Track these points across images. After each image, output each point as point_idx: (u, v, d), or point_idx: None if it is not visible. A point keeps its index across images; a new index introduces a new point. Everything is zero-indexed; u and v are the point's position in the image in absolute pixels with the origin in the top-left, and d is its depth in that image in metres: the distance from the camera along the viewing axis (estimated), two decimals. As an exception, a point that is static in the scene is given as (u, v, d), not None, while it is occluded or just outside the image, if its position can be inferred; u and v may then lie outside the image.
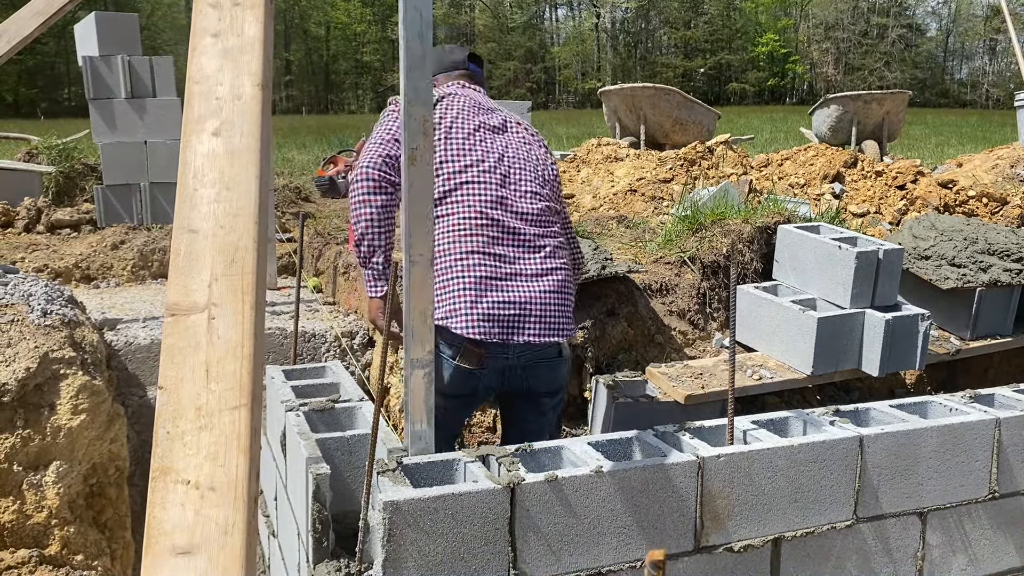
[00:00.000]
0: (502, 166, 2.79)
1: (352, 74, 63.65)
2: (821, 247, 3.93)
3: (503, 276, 2.64)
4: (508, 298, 2.62)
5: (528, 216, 2.76)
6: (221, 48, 1.33)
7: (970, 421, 2.65)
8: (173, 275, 1.17)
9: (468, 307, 2.58)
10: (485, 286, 2.61)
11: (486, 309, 2.58)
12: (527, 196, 2.79)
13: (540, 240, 2.75)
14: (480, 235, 2.65)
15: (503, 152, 2.83)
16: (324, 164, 9.43)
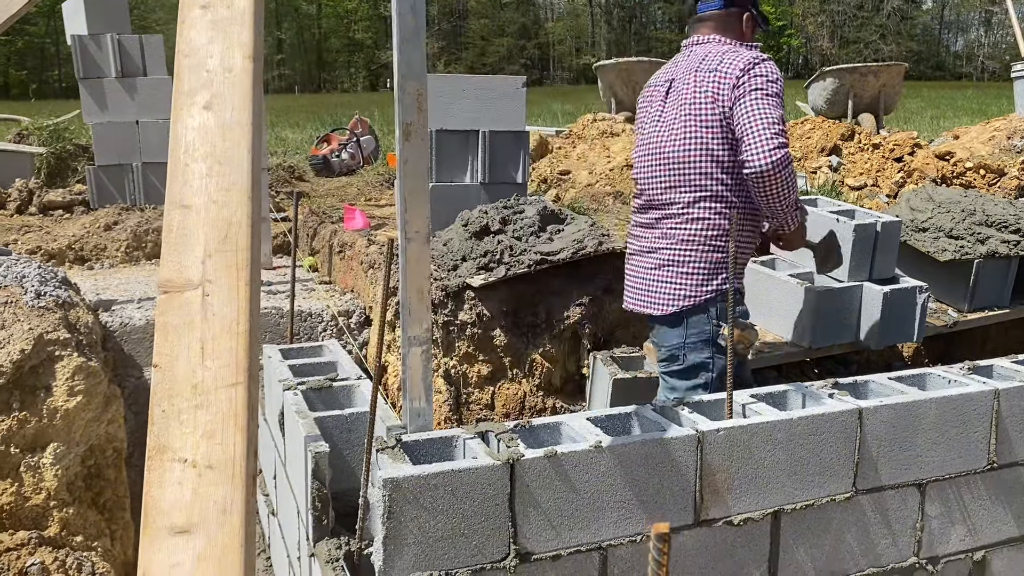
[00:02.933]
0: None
1: (344, 52, 63.20)
2: (819, 220, 3.91)
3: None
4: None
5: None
6: (210, 20, 1.30)
7: (969, 392, 2.65)
8: (166, 251, 1.15)
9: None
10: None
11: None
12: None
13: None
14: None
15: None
16: (318, 143, 9.41)
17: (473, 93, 4.76)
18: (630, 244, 3.14)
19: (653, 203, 3.00)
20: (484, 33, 62.44)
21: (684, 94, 2.90)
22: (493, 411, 3.94)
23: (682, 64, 2.99)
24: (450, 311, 3.84)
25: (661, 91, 3.04)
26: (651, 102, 3.08)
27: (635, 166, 3.10)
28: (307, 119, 17.71)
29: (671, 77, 3.01)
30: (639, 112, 3.16)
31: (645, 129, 3.07)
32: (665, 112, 2.97)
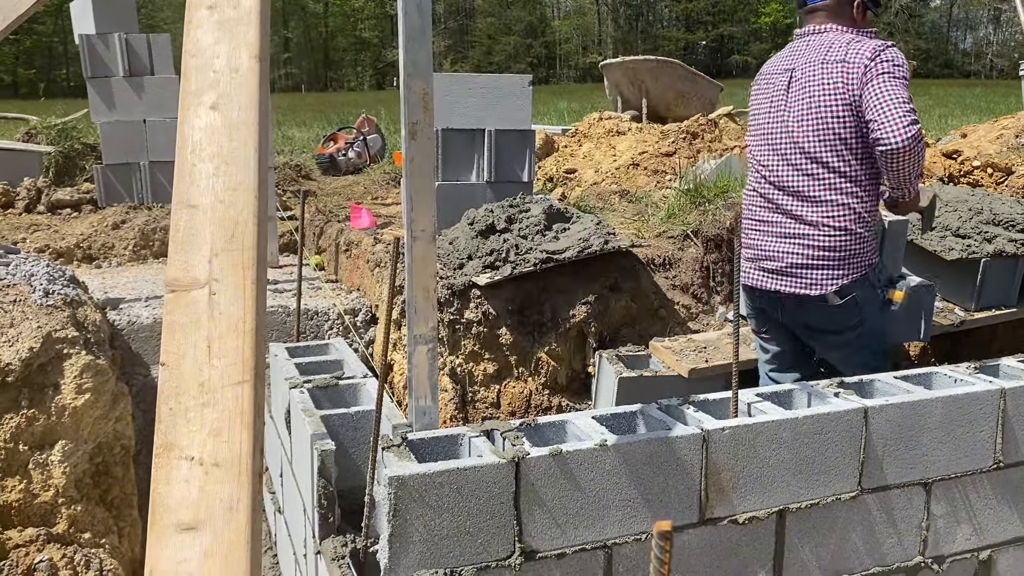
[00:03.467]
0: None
1: (351, 51, 63.26)
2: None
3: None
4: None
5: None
6: (217, 20, 1.31)
7: (975, 391, 2.64)
8: (173, 251, 1.16)
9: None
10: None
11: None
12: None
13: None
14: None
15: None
16: (324, 142, 9.43)
17: (479, 92, 4.77)
18: (759, 231, 3.17)
19: (786, 190, 3.07)
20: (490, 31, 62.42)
21: (812, 85, 2.99)
22: (499, 409, 3.95)
23: (803, 54, 3.06)
24: (456, 310, 3.85)
25: (781, 80, 3.10)
26: (770, 91, 3.15)
27: (757, 154, 3.18)
28: (314, 118, 17.74)
29: (791, 67, 3.08)
30: (754, 100, 3.25)
31: (766, 118, 3.14)
32: (791, 103, 3.04)
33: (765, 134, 3.15)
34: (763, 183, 3.14)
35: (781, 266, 3.09)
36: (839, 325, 3.12)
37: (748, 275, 3.19)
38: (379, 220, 5.30)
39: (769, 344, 3.37)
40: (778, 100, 3.10)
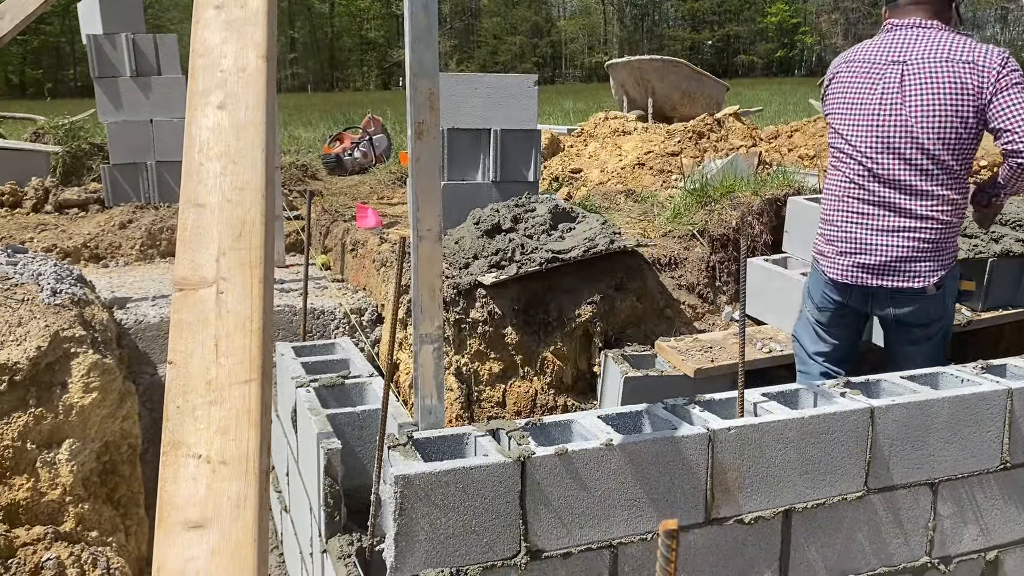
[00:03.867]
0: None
1: (357, 51, 63.36)
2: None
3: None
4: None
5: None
6: (224, 20, 1.31)
7: (982, 392, 2.63)
8: (180, 249, 1.16)
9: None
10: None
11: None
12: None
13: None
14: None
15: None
16: (330, 142, 9.44)
17: (485, 92, 4.77)
18: (857, 225, 3.11)
19: (894, 185, 3.05)
20: (496, 31, 62.44)
21: (937, 84, 2.97)
22: (504, 409, 3.95)
23: (913, 48, 3.03)
24: (461, 309, 3.85)
25: (891, 73, 3.04)
26: (876, 81, 3.06)
27: (860, 146, 3.08)
28: (320, 117, 17.76)
29: (900, 59, 3.03)
30: (850, 86, 3.13)
31: (876, 109, 3.06)
32: (910, 98, 3.00)
33: (874, 127, 3.06)
34: (865, 176, 3.07)
35: (884, 260, 3.06)
36: (931, 317, 3.17)
37: (840, 270, 3.13)
38: (385, 220, 5.31)
39: (831, 338, 3.31)
40: (891, 93, 3.02)
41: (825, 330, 3.32)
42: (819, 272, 3.24)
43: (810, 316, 3.35)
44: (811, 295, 3.32)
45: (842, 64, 3.20)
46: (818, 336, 3.35)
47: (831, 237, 3.16)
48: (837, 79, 3.20)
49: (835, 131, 3.18)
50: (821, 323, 3.32)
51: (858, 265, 3.10)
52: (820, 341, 3.35)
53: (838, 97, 3.18)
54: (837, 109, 3.17)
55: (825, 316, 3.30)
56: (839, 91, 3.17)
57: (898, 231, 3.05)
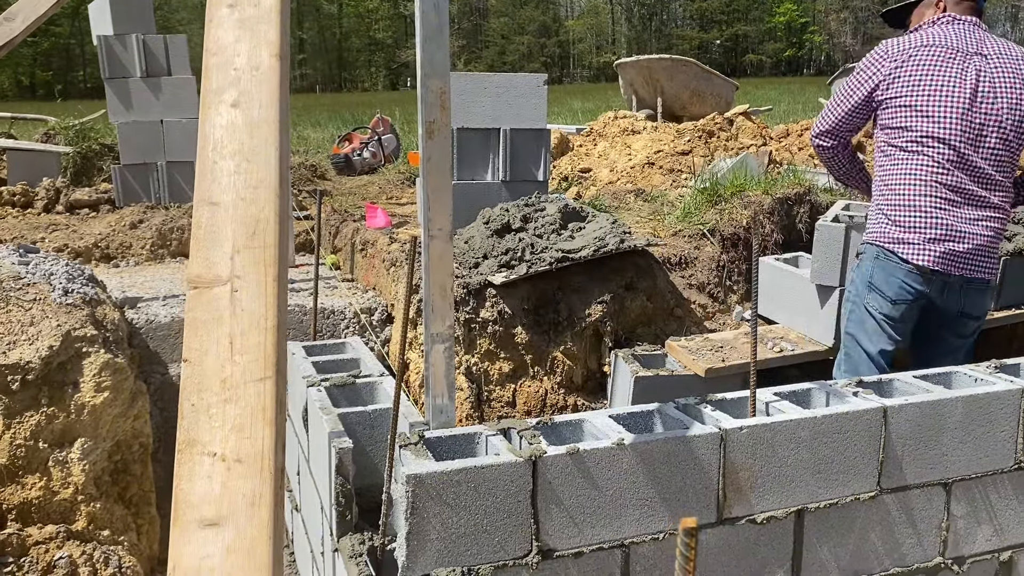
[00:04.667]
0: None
1: (365, 51, 63.46)
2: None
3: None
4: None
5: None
6: (238, 18, 1.31)
7: (996, 391, 2.62)
8: (195, 248, 1.16)
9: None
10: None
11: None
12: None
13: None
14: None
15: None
16: (339, 142, 9.45)
17: (494, 91, 4.77)
18: (948, 212, 3.06)
19: (977, 176, 3.06)
20: (504, 31, 62.44)
21: (1020, 79, 3.06)
22: (514, 408, 3.95)
23: (987, 43, 3.10)
24: (472, 309, 3.85)
25: (976, 62, 3.05)
26: (963, 67, 3.05)
27: (949, 126, 3.04)
28: (328, 118, 17.79)
29: (982, 52, 3.07)
30: (934, 69, 3.07)
31: (965, 101, 3.04)
32: (1001, 93, 3.04)
33: (966, 114, 3.03)
34: (956, 162, 3.04)
35: (972, 248, 3.05)
36: (985, 309, 3.24)
37: (932, 257, 3.05)
38: (394, 219, 5.31)
39: (899, 334, 3.19)
40: (984, 83, 3.04)
41: (896, 326, 3.17)
42: (896, 262, 3.10)
43: (877, 312, 3.17)
44: (879, 288, 3.15)
45: (915, 49, 3.10)
46: (887, 334, 3.18)
47: (916, 224, 3.06)
48: (912, 62, 3.09)
49: (917, 114, 3.06)
50: (892, 319, 3.15)
51: (949, 252, 3.04)
52: (889, 339, 3.18)
53: (919, 81, 3.07)
54: (921, 91, 3.06)
55: (900, 310, 3.14)
56: (917, 75, 3.07)
57: (982, 220, 3.05)
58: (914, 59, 3.09)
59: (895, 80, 3.10)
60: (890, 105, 3.11)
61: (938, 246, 3.05)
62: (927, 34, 3.13)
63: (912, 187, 3.07)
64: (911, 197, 3.07)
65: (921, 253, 3.05)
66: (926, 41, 3.10)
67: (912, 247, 3.06)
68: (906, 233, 3.07)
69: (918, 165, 3.07)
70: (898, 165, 3.11)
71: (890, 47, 3.16)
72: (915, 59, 3.09)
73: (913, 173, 3.08)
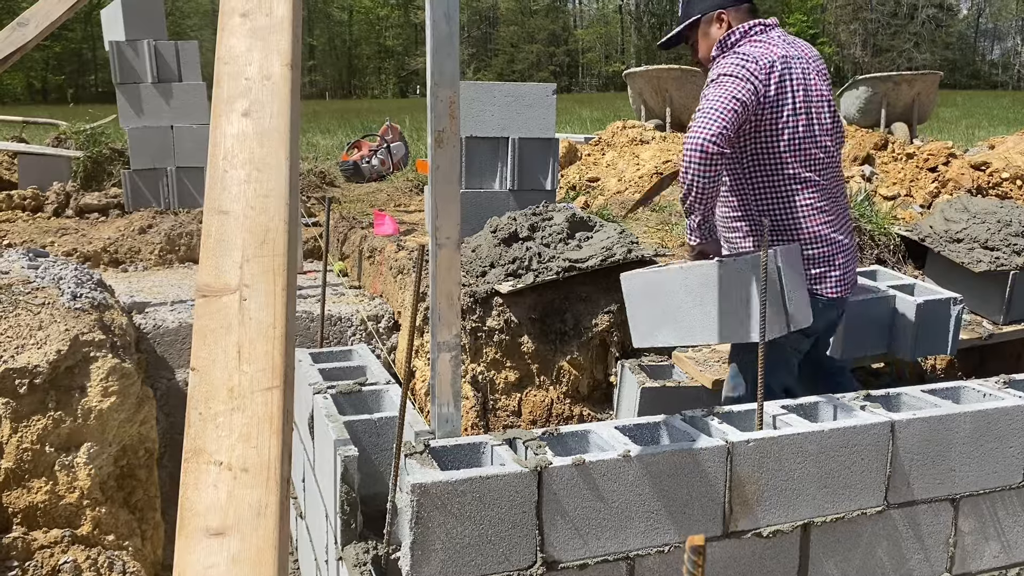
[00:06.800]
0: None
1: (375, 58, 63.68)
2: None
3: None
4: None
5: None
6: (250, 28, 1.32)
7: (1004, 407, 2.60)
8: (204, 256, 1.17)
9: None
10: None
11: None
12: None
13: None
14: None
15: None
16: (348, 149, 9.48)
17: (503, 100, 4.78)
18: (840, 228, 2.95)
19: (841, 189, 3.02)
20: (514, 40, 62.60)
21: (828, 88, 2.96)
22: (520, 418, 3.94)
23: (800, 48, 2.93)
24: (478, 317, 3.85)
25: (811, 71, 2.89)
26: (812, 84, 2.87)
27: (829, 145, 2.91)
28: (337, 125, 17.86)
29: (806, 56, 2.91)
30: (804, 84, 2.84)
31: (828, 117, 2.90)
32: (825, 95, 2.93)
33: (831, 133, 2.90)
34: (834, 181, 2.95)
35: (853, 260, 3.04)
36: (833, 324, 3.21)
37: (846, 285, 2.95)
38: (402, 227, 5.32)
39: (798, 357, 3.06)
40: (825, 90, 2.91)
41: (799, 354, 3.04)
42: (817, 303, 2.87)
43: (791, 348, 2.97)
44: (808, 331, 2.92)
45: (783, 61, 2.82)
46: (792, 368, 3.04)
47: (829, 253, 2.90)
48: (789, 76, 2.82)
49: (809, 136, 2.84)
50: (800, 351, 3.03)
51: (851, 275, 3.00)
52: (790, 373, 3.04)
53: (798, 100, 2.83)
54: (803, 111, 2.83)
55: (808, 343, 3.03)
56: (793, 92, 2.83)
57: (849, 229, 3.05)
58: (788, 73, 2.84)
59: (772, 100, 2.83)
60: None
61: (848, 272, 2.95)
62: (767, 45, 2.88)
63: (817, 216, 2.89)
64: (817, 227, 2.88)
65: (839, 283, 2.92)
66: (780, 52, 2.86)
67: (830, 281, 2.91)
68: (822, 267, 2.90)
69: (813, 192, 2.88)
70: (792, 196, 2.88)
71: (760, 57, 2.84)
72: (788, 74, 2.84)
73: (810, 203, 2.88)
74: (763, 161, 2.86)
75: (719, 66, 2.83)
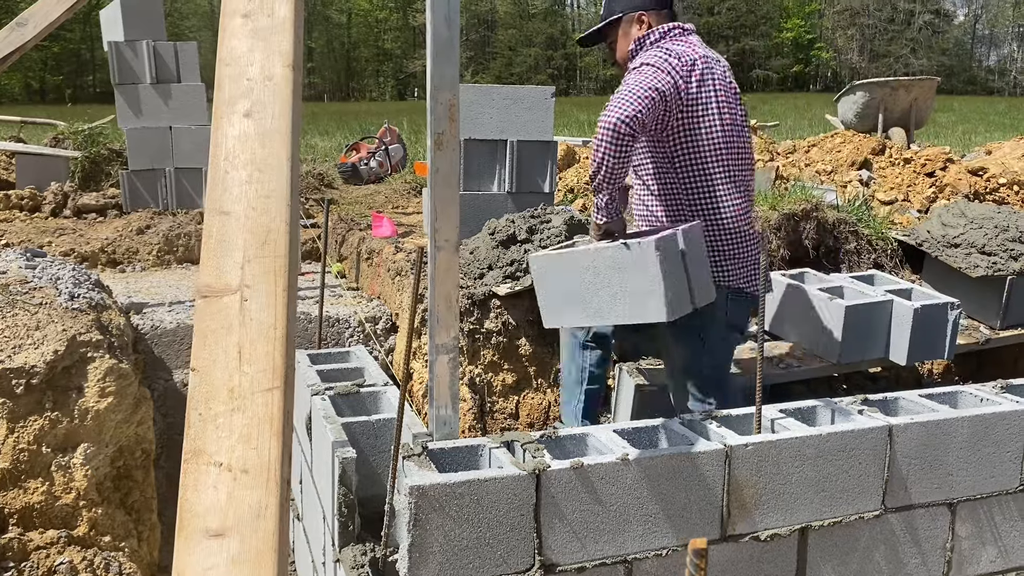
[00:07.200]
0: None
1: (373, 61, 63.72)
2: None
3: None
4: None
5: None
6: (251, 28, 1.32)
7: (1001, 411, 2.61)
8: (205, 257, 1.17)
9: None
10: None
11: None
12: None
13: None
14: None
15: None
16: (346, 151, 9.48)
17: (502, 103, 4.78)
18: (752, 224, 3.02)
19: (753, 189, 3.05)
20: (512, 43, 62.66)
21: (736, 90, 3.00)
22: (517, 420, 3.94)
23: (711, 51, 2.99)
24: (476, 319, 3.85)
25: (728, 72, 2.98)
26: (728, 87, 2.92)
27: (742, 138, 2.94)
28: (336, 127, 17.86)
29: (719, 60, 2.98)
30: (723, 85, 2.90)
31: (741, 121, 2.95)
32: (738, 97, 2.98)
33: (741, 129, 2.95)
34: (752, 182, 3.04)
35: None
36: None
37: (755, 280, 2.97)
38: (400, 229, 5.32)
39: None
40: (734, 94, 2.96)
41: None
42: (745, 299, 2.98)
43: (735, 346, 3.15)
44: (739, 328, 3.07)
45: (703, 60, 2.88)
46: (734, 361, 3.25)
47: (754, 250, 2.96)
48: (710, 75, 2.88)
49: (734, 133, 2.91)
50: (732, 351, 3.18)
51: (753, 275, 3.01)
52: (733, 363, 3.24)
53: (720, 98, 2.89)
54: (726, 110, 2.90)
55: (740, 337, 3.17)
56: (716, 91, 2.88)
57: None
58: (708, 74, 2.89)
59: (697, 99, 2.88)
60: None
61: (757, 264, 2.97)
62: (684, 44, 2.93)
63: (740, 218, 2.94)
64: (740, 228, 2.93)
65: (755, 281, 2.94)
66: (698, 53, 2.91)
67: (754, 280, 2.95)
68: (750, 268, 2.95)
69: (737, 191, 2.94)
70: (717, 196, 2.93)
71: (682, 53, 2.89)
72: (709, 74, 2.90)
73: (734, 203, 2.93)
74: (691, 159, 2.89)
75: (642, 57, 2.89)
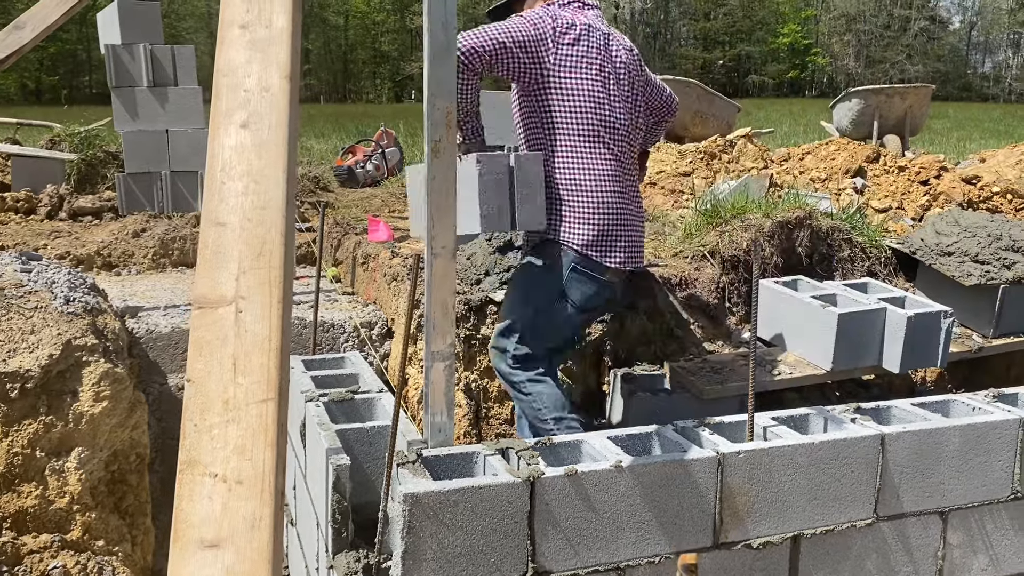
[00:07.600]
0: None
1: (370, 63, 63.73)
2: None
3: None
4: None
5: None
6: (249, 39, 1.33)
7: (993, 420, 2.62)
8: (201, 268, 1.17)
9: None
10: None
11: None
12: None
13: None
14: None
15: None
16: (343, 154, 9.48)
17: (500, 108, 4.79)
18: (630, 202, 3.07)
19: (633, 154, 3.16)
20: (509, 47, 62.65)
21: (636, 62, 3.16)
22: (512, 426, 3.95)
23: (611, 30, 3.10)
24: (472, 325, 3.85)
25: (606, 43, 3.04)
26: (619, 53, 3.06)
27: (615, 122, 2.98)
28: (332, 129, 17.86)
29: (604, 31, 3.05)
30: (595, 49, 2.94)
31: (620, 86, 3.02)
32: (631, 73, 3.10)
33: (623, 101, 2.99)
34: (628, 159, 3.08)
35: (643, 239, 3.16)
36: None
37: (618, 257, 2.97)
38: (396, 233, 5.32)
39: (582, 330, 3.32)
40: (635, 77, 3.09)
41: (582, 325, 3.26)
42: (585, 267, 2.94)
43: (563, 318, 3.04)
44: (571, 298, 2.98)
45: (585, 27, 2.93)
46: (575, 337, 3.30)
47: (615, 224, 2.96)
48: (588, 41, 2.92)
49: (595, 101, 2.91)
50: (574, 326, 3.17)
51: (637, 252, 3.09)
52: (573, 341, 3.33)
53: (594, 66, 2.92)
54: (599, 78, 2.92)
55: (586, 316, 3.16)
56: (590, 57, 2.91)
57: (640, 205, 3.15)
58: (584, 39, 2.95)
59: (560, 62, 2.93)
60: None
61: (629, 243, 3.03)
62: (560, 7, 3.00)
63: (595, 183, 2.96)
64: (597, 193, 2.94)
65: (613, 254, 2.97)
66: (573, 19, 2.96)
67: (602, 250, 2.94)
68: (594, 234, 2.94)
69: (595, 155, 2.96)
70: (578, 158, 2.96)
71: (555, 15, 2.95)
72: (585, 39, 2.95)
73: (591, 166, 2.96)
74: (560, 118, 2.94)
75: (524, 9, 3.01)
